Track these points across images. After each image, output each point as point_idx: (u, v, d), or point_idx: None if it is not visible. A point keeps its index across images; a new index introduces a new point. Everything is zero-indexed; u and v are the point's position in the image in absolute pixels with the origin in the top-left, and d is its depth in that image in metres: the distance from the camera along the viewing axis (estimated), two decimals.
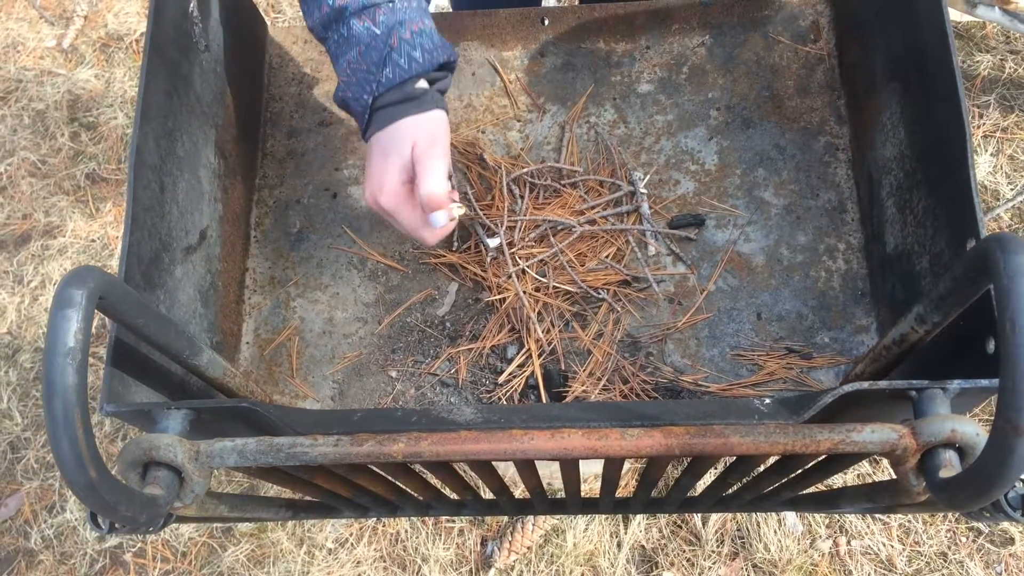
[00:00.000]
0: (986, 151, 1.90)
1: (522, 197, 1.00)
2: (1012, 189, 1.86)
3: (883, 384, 0.58)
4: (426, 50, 0.82)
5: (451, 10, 1.63)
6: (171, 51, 0.83)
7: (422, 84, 0.83)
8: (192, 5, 0.88)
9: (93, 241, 2.02)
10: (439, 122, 0.84)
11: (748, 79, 1.04)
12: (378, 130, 0.83)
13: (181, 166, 0.85)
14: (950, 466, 0.54)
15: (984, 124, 1.93)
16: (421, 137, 0.82)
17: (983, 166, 1.89)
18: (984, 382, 0.59)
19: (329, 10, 0.81)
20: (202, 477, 0.59)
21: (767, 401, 0.62)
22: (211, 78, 0.93)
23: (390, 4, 0.81)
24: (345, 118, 1.06)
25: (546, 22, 1.09)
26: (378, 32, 0.81)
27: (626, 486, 1.63)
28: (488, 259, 0.96)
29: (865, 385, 0.58)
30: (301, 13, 0.86)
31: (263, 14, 1.09)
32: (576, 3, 1.75)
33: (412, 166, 0.82)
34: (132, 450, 0.57)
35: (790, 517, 1.64)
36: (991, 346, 0.63)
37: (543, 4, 1.97)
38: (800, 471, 0.71)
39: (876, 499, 0.68)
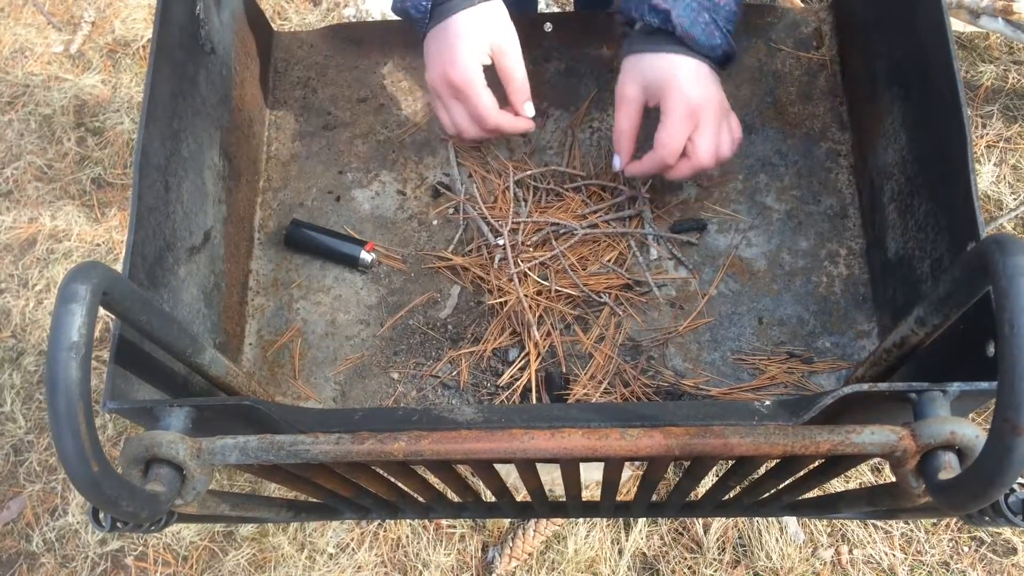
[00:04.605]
0: (989, 161, 1.90)
1: (525, 201, 1.00)
2: (1015, 199, 1.87)
3: (883, 386, 0.58)
4: None
5: None
6: (177, 53, 0.84)
7: None
8: (199, 7, 0.88)
9: (98, 245, 2.02)
10: (505, 14, 0.86)
11: (750, 85, 1.05)
12: (446, 17, 0.83)
13: (186, 167, 0.85)
14: (950, 468, 0.54)
15: (987, 134, 1.93)
16: (504, 26, 0.85)
17: (986, 176, 1.89)
18: (984, 384, 0.59)
19: None
20: (204, 474, 0.59)
21: (767, 403, 0.62)
22: (216, 80, 0.93)
23: None
24: (351, 120, 1.07)
25: (550, 28, 1.09)
26: None
27: (628, 492, 1.62)
28: (497, 259, 0.96)
29: (865, 387, 0.58)
30: None
31: (268, 20, 1.10)
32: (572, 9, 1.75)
33: (491, 51, 0.85)
34: (134, 446, 0.57)
35: (792, 525, 1.63)
36: (991, 349, 0.63)
37: (538, 11, 1.98)
38: (800, 474, 0.71)
39: (876, 502, 0.68)
